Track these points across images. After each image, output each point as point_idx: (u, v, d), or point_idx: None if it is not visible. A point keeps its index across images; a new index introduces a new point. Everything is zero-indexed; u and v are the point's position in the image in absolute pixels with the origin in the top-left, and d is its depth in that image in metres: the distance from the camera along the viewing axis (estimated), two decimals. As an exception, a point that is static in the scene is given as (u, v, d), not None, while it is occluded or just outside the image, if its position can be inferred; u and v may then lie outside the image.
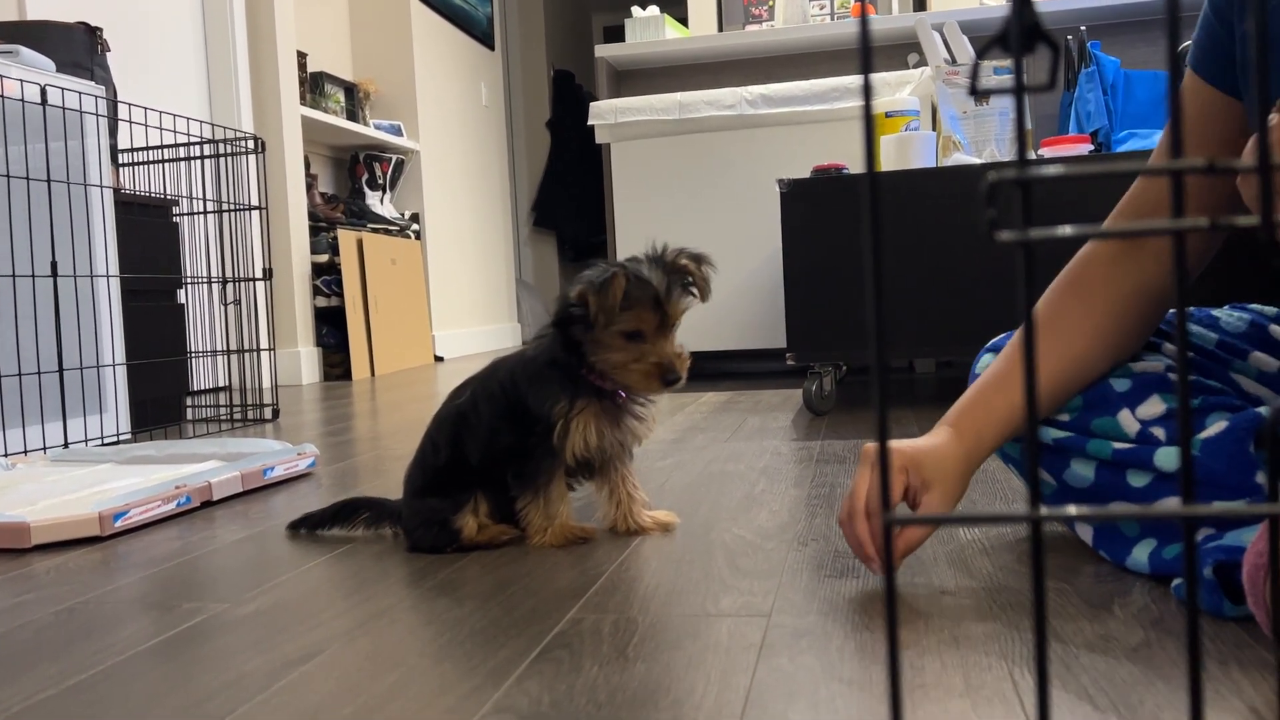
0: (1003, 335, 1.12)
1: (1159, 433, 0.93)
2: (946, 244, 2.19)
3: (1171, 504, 0.90)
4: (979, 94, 0.38)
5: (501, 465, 1.22)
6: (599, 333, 1.13)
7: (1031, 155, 2.60)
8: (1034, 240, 0.34)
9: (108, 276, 2.23)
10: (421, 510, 1.23)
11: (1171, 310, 1.10)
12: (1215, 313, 1.07)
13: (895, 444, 0.97)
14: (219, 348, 2.76)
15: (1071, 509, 0.32)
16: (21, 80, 2.00)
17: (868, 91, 0.34)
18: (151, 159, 2.71)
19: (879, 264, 0.33)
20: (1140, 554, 0.94)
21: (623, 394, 1.20)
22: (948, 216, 2.19)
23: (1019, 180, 0.34)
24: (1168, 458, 0.91)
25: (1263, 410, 0.86)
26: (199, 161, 2.71)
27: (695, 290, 1.18)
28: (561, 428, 1.16)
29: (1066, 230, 0.34)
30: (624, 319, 1.12)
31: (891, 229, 2.22)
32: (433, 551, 1.21)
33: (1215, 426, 0.87)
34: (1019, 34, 0.36)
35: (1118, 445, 0.95)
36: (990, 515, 0.35)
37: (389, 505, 1.31)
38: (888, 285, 2.25)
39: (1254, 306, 1.07)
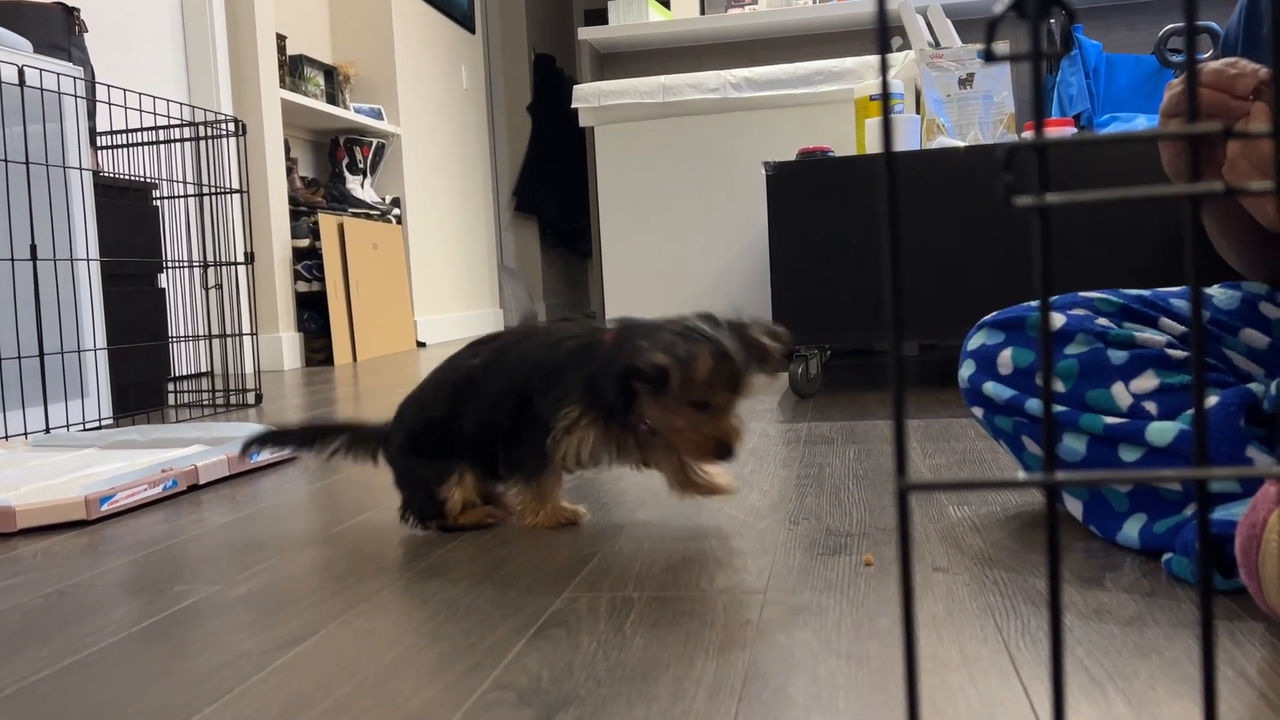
0: (996, 313, 1.12)
1: (1151, 407, 0.94)
2: (932, 227, 2.20)
3: (1171, 473, 0.91)
4: (992, 60, 0.38)
5: (493, 443, 1.20)
6: (668, 399, 1.07)
7: (1015, 138, 2.61)
8: (1050, 205, 0.34)
9: (88, 260, 2.21)
10: (411, 470, 1.21)
11: (1161, 289, 1.11)
12: (1207, 290, 1.07)
13: None
14: (200, 332, 2.73)
15: (1061, 474, 0.32)
16: (-2, 60, 1.97)
17: (884, 69, 0.34)
18: (131, 141, 2.68)
19: (897, 243, 0.33)
20: (1130, 529, 0.95)
21: (647, 424, 1.13)
22: (933, 199, 2.20)
23: (1036, 145, 0.34)
24: (1159, 433, 0.91)
25: (1253, 386, 0.87)
26: (179, 144, 2.68)
27: (765, 366, 1.12)
28: (558, 436, 1.11)
29: (1082, 195, 0.34)
30: (697, 390, 1.06)
31: (877, 212, 2.23)
32: (420, 521, 1.21)
33: (1206, 401, 0.88)
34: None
35: (1109, 420, 0.95)
36: (1006, 480, 0.35)
37: (366, 430, 1.27)
38: (872, 268, 2.26)
39: (1245, 283, 1.08)
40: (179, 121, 2.64)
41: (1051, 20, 3.27)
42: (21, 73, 2.00)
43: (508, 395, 1.16)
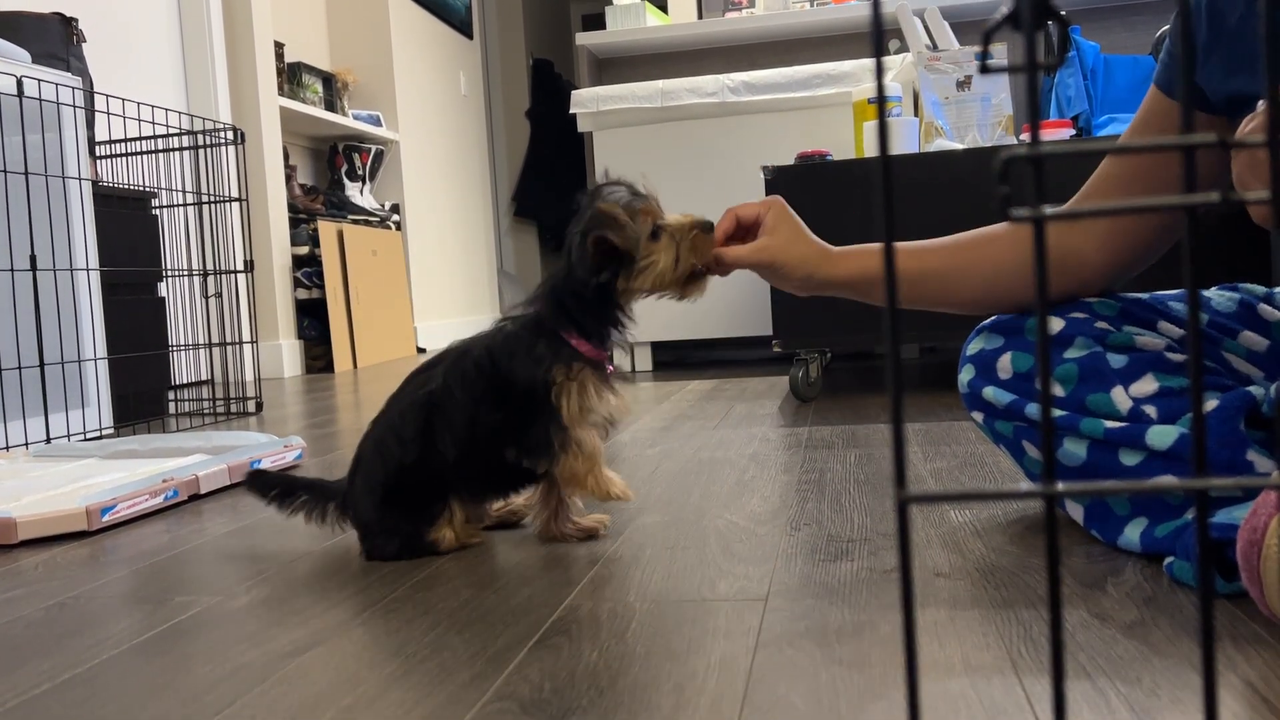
0: (995, 316, 1.12)
1: (1151, 411, 0.94)
2: (930, 229, 2.19)
3: (1170, 480, 0.91)
4: (987, 71, 0.38)
5: (486, 453, 1.13)
6: (642, 251, 1.11)
7: (1014, 140, 2.61)
8: (1047, 218, 0.34)
9: (87, 270, 2.21)
10: (386, 519, 1.13)
11: (1159, 292, 1.11)
12: (1205, 293, 1.07)
13: (776, 198, 1.20)
14: (200, 341, 2.73)
15: (1061, 486, 0.32)
16: (-3, 71, 1.98)
17: (879, 73, 0.34)
18: (130, 151, 2.68)
19: (890, 246, 0.33)
20: (1132, 533, 0.95)
21: (611, 366, 1.16)
22: (931, 202, 2.20)
23: (1032, 157, 0.34)
24: (1160, 436, 0.91)
25: (1253, 389, 0.87)
26: (178, 153, 2.68)
27: None
28: (561, 388, 1.09)
29: (1078, 210, 0.34)
30: (644, 223, 1.12)
31: (875, 214, 2.23)
32: (397, 559, 1.13)
33: (1206, 405, 0.88)
34: (1031, 10, 0.36)
35: (1109, 424, 0.95)
36: (1006, 492, 0.35)
37: (329, 487, 1.19)
38: (872, 271, 2.26)
39: (1244, 286, 1.08)
40: (178, 130, 2.64)
41: (1049, 21, 3.27)
42: (20, 83, 2.00)
43: (486, 395, 1.12)
